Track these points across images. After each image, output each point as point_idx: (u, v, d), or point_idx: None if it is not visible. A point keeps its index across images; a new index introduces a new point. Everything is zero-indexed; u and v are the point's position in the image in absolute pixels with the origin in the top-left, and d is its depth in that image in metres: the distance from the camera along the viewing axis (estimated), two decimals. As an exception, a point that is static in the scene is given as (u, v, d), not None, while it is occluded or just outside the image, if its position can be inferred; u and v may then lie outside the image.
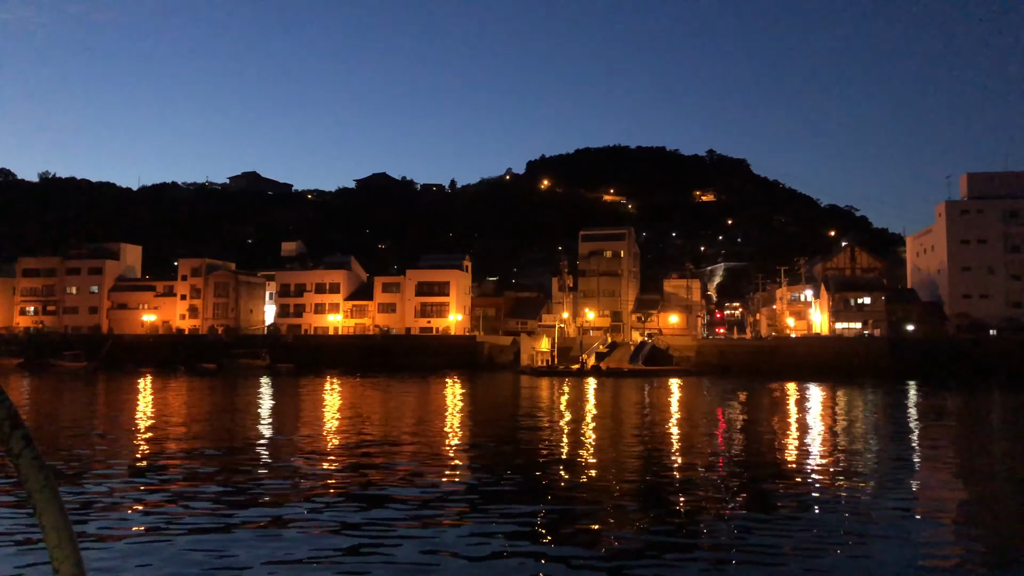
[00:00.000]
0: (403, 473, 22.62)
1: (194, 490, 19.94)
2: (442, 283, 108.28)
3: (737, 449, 29.33)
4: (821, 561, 13.73)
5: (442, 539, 14.93)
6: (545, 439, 32.10)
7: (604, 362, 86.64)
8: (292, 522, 16.14)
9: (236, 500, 18.59)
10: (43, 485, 1.59)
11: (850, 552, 14.35)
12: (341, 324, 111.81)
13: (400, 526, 15.87)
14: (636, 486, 21.43)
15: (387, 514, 16.95)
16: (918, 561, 13.67)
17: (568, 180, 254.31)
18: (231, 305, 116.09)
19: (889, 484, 21.45)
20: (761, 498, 19.28)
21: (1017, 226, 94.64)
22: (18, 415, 1.62)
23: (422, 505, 17.99)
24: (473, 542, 14.72)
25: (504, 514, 17.25)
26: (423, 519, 16.56)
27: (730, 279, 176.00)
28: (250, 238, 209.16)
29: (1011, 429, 38.36)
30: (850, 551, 14.39)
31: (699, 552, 14.57)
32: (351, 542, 14.59)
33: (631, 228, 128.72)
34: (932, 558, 14.03)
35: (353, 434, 33.08)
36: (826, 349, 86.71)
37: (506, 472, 23.26)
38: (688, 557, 14.08)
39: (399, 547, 14.32)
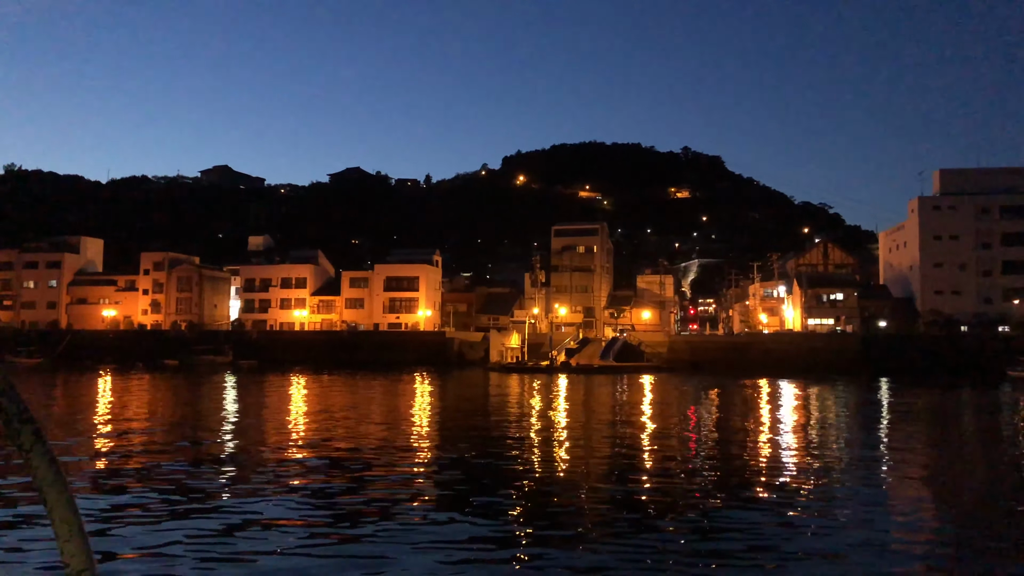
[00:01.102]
0: (369, 476, 21.92)
1: (144, 496, 18.86)
2: (411, 278, 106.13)
3: (709, 451, 28.13)
4: (791, 559, 13.83)
5: (409, 538, 14.95)
6: (513, 440, 30.67)
7: (574, 358, 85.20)
8: (252, 525, 15.83)
9: (188, 508, 17.59)
10: (53, 480, 1.60)
11: (819, 550, 14.40)
12: (307, 320, 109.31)
13: (367, 526, 15.83)
14: (607, 487, 20.89)
15: (352, 516, 16.75)
16: (888, 567, 13.60)
17: (544, 176, 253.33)
18: (195, 300, 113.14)
19: (858, 484, 21.19)
20: (733, 498, 19.08)
21: (989, 222, 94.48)
22: (28, 410, 1.62)
23: (390, 507, 17.77)
24: (440, 543, 14.70)
25: (471, 516, 17.05)
26: (392, 519, 16.51)
27: (704, 275, 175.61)
28: (222, 232, 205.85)
29: (980, 428, 37.73)
30: (819, 551, 14.39)
31: (671, 554, 14.39)
32: (317, 544, 14.50)
33: (604, 223, 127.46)
34: (900, 558, 14.12)
35: (316, 435, 31.48)
36: (798, 345, 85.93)
37: (471, 474, 22.60)
38: (662, 557, 14.04)
39: (366, 548, 14.30)
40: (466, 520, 16.54)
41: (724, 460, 25.41)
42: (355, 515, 16.78)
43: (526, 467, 24.41)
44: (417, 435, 32.00)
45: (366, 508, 17.59)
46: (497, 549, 14.59)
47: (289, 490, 19.61)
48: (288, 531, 15.46)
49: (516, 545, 14.99)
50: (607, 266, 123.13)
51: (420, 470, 23.34)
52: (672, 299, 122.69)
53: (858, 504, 18.31)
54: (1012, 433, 35.01)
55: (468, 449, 27.41)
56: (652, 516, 17.32)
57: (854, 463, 24.56)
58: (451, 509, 17.56)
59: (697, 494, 19.60)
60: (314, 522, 16.24)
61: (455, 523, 16.27)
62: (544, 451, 27.79)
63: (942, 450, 28.80)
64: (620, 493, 19.99)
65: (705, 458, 26.01)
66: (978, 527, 16.52)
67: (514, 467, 24.38)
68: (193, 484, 20.37)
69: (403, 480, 21.47)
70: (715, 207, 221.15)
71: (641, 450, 27.94)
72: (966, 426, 38.35)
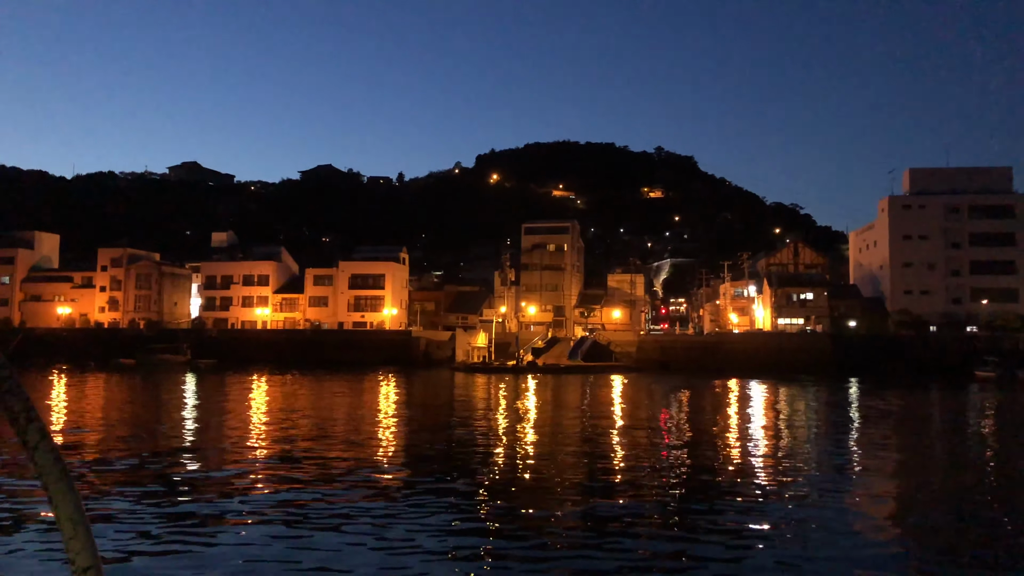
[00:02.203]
0: (330, 482, 21.02)
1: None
2: (377, 276, 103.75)
3: (679, 457, 26.68)
4: (761, 559, 13.89)
5: (373, 542, 14.71)
6: (479, 445, 29.21)
7: (541, 358, 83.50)
8: (212, 533, 15.43)
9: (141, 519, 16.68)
10: (59, 477, 1.60)
11: (790, 551, 14.40)
12: (270, 318, 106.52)
13: (324, 530, 15.54)
14: (573, 499, 19.94)
15: (314, 521, 16.39)
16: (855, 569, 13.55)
17: (517, 175, 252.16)
18: (154, 297, 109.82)
19: (828, 486, 20.92)
20: (702, 502, 18.97)
21: (958, 222, 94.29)
22: (34, 408, 1.62)
23: (351, 512, 17.18)
24: (405, 545, 14.53)
25: (436, 519, 16.72)
26: (353, 523, 16.12)
27: (676, 275, 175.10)
28: (189, 230, 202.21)
29: (948, 429, 37.20)
30: (789, 551, 14.41)
31: (639, 554, 14.34)
32: (277, 548, 14.28)
33: (575, 221, 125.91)
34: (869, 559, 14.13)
35: (255, 438, 29.47)
36: (768, 345, 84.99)
37: (432, 479, 21.64)
38: (635, 558, 14.00)
39: (324, 551, 14.09)
40: (427, 527, 16.04)
41: (694, 466, 24.49)
42: (311, 517, 16.53)
43: (487, 475, 22.67)
44: (379, 444, 30.06)
45: (323, 509, 17.38)
46: (464, 555, 14.29)
47: (234, 494, 19.20)
48: (242, 530, 15.48)
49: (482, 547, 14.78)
50: (578, 265, 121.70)
51: (375, 476, 22.32)
52: (643, 298, 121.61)
53: (827, 510, 18.10)
54: (978, 436, 34.08)
55: (426, 463, 25.57)
56: (624, 523, 16.79)
57: (823, 468, 23.95)
58: (408, 520, 16.76)
59: (669, 503, 18.96)
60: (268, 521, 16.17)
61: (417, 532, 15.68)
62: (507, 460, 26.10)
63: (909, 454, 28.22)
64: (588, 504, 18.99)
65: (676, 465, 24.86)
66: (943, 531, 16.46)
67: (476, 476, 22.91)
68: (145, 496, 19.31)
69: (357, 484, 20.65)
70: (688, 207, 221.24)
71: (610, 458, 26.34)
72: (933, 429, 37.59)
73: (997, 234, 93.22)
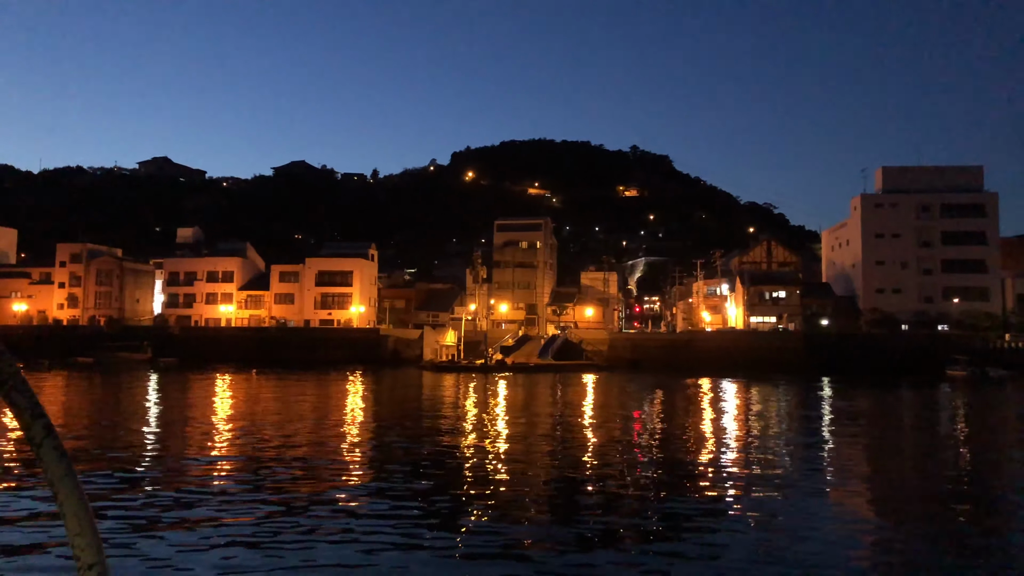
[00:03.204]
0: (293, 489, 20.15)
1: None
2: (345, 272, 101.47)
3: (651, 460, 25.59)
4: (734, 560, 13.82)
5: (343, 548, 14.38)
6: (443, 447, 27.86)
7: (511, 357, 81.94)
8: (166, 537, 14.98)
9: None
10: (64, 473, 1.60)
11: (761, 552, 14.32)
12: (234, 315, 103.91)
13: (290, 535, 15.12)
14: (543, 508, 19.07)
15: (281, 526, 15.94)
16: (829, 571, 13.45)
17: (493, 172, 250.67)
18: (115, 294, 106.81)
19: (798, 489, 20.54)
20: (677, 505, 18.68)
21: (930, 221, 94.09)
22: (40, 405, 1.62)
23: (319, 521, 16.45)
24: (376, 550, 14.19)
25: (402, 523, 16.27)
26: (322, 531, 15.61)
27: (650, 273, 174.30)
28: (159, 226, 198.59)
29: (919, 430, 36.62)
30: (760, 552, 14.35)
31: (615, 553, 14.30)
32: (244, 555, 13.90)
33: (548, 218, 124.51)
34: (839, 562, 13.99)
35: (202, 440, 27.56)
36: (740, 343, 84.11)
37: (397, 485, 20.62)
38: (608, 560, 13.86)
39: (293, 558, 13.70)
40: (395, 530, 15.72)
41: (664, 469, 23.79)
42: (274, 523, 16.09)
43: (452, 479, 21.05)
44: (339, 449, 28.31)
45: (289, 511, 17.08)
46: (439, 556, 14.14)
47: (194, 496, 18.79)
48: (205, 531, 15.23)
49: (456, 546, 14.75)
50: (551, 262, 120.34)
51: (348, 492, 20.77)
52: (616, 296, 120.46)
53: (798, 511, 17.96)
54: (949, 437, 33.23)
55: (388, 468, 23.89)
56: (596, 527, 16.42)
57: (794, 471, 23.45)
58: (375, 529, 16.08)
59: (644, 513, 18.18)
60: (232, 521, 15.95)
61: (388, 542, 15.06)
62: (472, 465, 24.59)
63: (880, 453, 27.95)
64: (560, 514, 18.19)
65: (647, 470, 23.86)
66: (915, 530, 16.38)
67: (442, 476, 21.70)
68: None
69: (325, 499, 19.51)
70: (662, 206, 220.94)
71: (582, 470, 24.75)
72: (905, 430, 36.99)
73: (968, 233, 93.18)
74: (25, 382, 1.61)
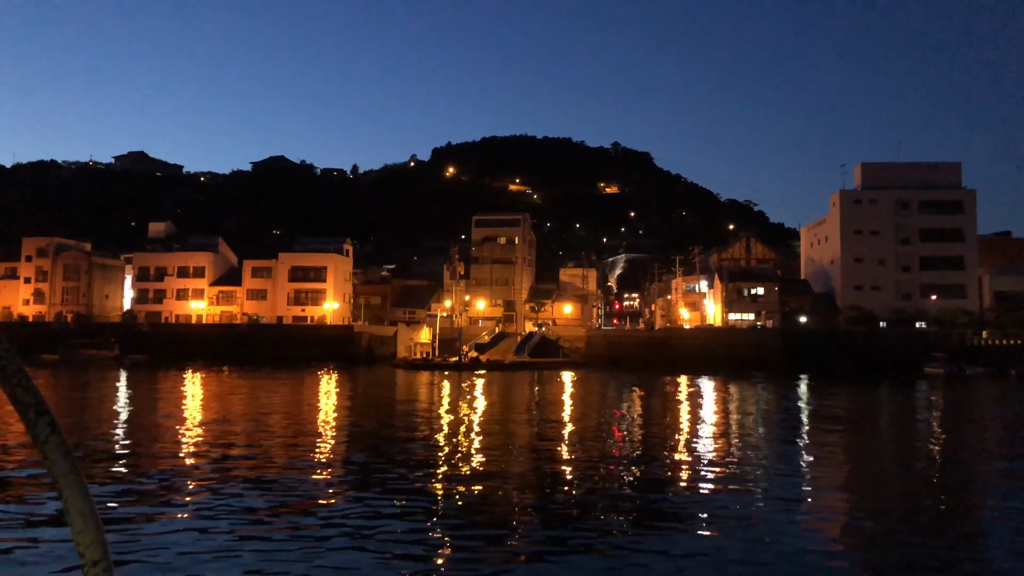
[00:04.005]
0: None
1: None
2: (319, 268, 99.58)
3: (627, 462, 24.53)
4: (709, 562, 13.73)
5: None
6: (414, 445, 26.64)
7: (486, 354, 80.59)
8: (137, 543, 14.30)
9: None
10: (69, 470, 1.60)
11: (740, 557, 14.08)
12: (205, 312, 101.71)
13: (257, 543, 14.47)
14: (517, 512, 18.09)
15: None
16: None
17: (474, 168, 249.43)
18: (83, 290, 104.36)
19: (776, 489, 20.12)
20: (653, 506, 18.39)
21: (908, 217, 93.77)
22: (44, 402, 1.63)
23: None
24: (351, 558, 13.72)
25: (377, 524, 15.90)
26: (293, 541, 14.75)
27: (631, 270, 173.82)
28: (134, 221, 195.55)
29: (895, 427, 36.11)
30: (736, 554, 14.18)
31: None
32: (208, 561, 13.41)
33: (526, 214, 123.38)
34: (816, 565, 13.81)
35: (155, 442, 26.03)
36: (718, 341, 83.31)
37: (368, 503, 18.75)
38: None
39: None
40: (371, 533, 15.32)
41: (641, 472, 22.96)
42: (247, 527, 15.56)
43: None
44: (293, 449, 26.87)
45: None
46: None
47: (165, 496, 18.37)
48: (169, 541, 14.54)
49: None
50: (529, 258, 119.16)
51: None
52: (595, 293, 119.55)
53: (773, 511, 17.61)
54: (926, 436, 32.56)
55: (359, 474, 22.67)
56: (573, 529, 15.98)
57: (772, 471, 22.93)
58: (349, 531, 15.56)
59: (617, 518, 17.44)
60: (201, 530, 15.34)
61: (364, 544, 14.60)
62: (445, 468, 23.15)
63: (856, 454, 27.37)
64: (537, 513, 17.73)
65: (623, 471, 23.07)
66: (890, 532, 16.23)
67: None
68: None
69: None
70: (643, 203, 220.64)
71: (552, 468, 23.93)
72: (882, 428, 36.30)
73: (946, 230, 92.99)
74: (29, 379, 1.60)
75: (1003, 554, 14.73)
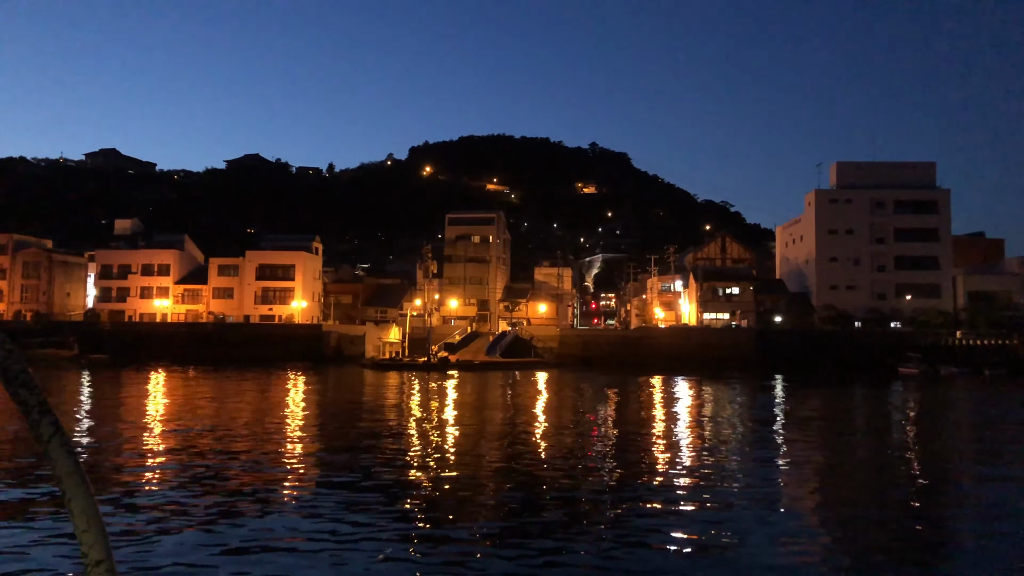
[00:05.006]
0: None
1: None
2: (286, 266, 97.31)
3: (603, 464, 23.40)
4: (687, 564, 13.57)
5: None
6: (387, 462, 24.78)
7: (457, 354, 78.94)
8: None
9: None
10: (72, 470, 1.61)
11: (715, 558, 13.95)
12: (170, 310, 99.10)
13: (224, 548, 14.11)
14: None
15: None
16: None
17: (451, 167, 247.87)
18: (43, 288, 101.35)
19: (749, 491, 19.77)
20: (627, 508, 17.89)
21: (883, 217, 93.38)
22: (47, 402, 1.63)
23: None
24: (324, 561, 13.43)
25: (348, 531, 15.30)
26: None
27: (608, 270, 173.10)
28: (105, 219, 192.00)
29: (870, 429, 35.24)
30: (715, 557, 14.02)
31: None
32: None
33: (501, 212, 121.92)
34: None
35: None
36: (693, 340, 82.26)
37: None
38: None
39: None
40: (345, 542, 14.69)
41: (618, 475, 22.28)
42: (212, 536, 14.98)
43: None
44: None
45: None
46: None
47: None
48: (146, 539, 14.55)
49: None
50: (504, 257, 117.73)
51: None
52: (570, 292, 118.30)
53: (745, 513, 17.36)
54: (900, 439, 31.77)
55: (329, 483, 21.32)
56: (550, 537, 15.42)
57: (747, 474, 22.48)
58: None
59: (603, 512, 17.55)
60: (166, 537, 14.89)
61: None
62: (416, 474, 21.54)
63: (830, 455, 26.71)
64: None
65: (598, 474, 22.35)
66: (865, 535, 16.00)
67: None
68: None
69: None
70: (621, 203, 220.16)
71: (522, 473, 22.31)
72: (856, 430, 35.32)
73: (921, 229, 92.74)
74: (33, 379, 1.60)
75: (971, 546, 14.72)
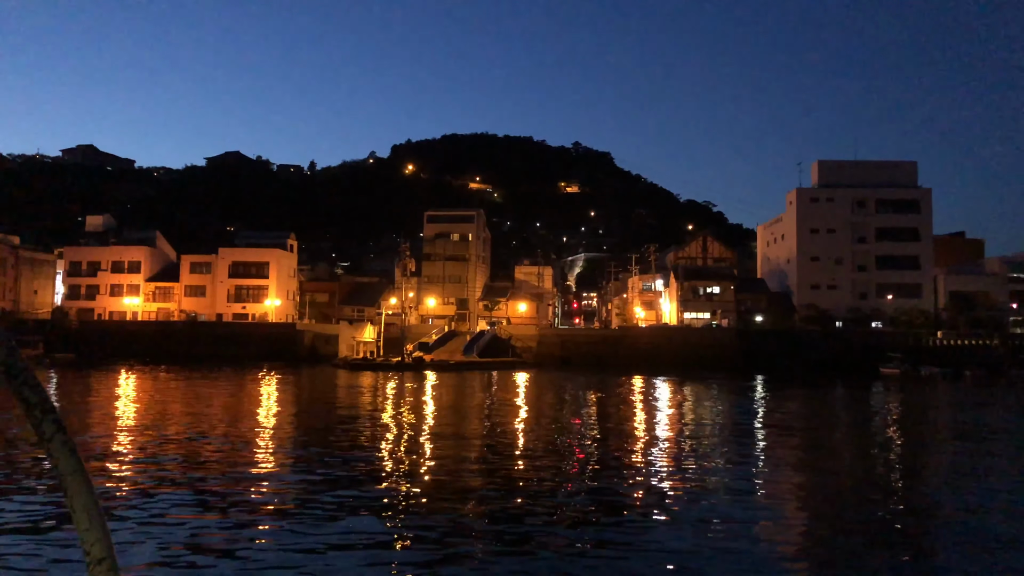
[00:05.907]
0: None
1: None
2: (260, 264, 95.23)
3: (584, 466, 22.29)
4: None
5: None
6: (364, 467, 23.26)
7: (433, 353, 77.36)
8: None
9: None
10: (74, 469, 1.61)
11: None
12: (141, 308, 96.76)
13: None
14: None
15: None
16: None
17: (434, 166, 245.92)
18: (9, 285, 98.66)
19: (730, 493, 19.79)
20: (609, 511, 17.86)
21: (864, 216, 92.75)
22: (50, 401, 1.63)
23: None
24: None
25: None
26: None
27: (590, 270, 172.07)
28: (81, 216, 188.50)
29: (850, 430, 34.76)
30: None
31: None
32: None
33: (480, 210, 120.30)
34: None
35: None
36: (673, 339, 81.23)
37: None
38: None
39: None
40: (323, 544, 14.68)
41: (599, 478, 22.08)
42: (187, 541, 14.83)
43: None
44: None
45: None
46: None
47: None
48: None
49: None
50: (483, 256, 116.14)
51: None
52: (551, 291, 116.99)
53: (730, 512, 17.53)
54: (882, 441, 31.04)
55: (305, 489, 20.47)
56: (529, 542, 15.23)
57: (728, 477, 22.20)
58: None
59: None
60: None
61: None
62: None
63: (811, 456, 26.58)
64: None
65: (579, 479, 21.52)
66: (844, 538, 16.02)
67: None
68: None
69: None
70: (603, 202, 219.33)
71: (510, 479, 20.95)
72: (838, 432, 34.68)
73: (902, 229, 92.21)
74: (35, 378, 1.59)
75: (949, 545, 14.88)
